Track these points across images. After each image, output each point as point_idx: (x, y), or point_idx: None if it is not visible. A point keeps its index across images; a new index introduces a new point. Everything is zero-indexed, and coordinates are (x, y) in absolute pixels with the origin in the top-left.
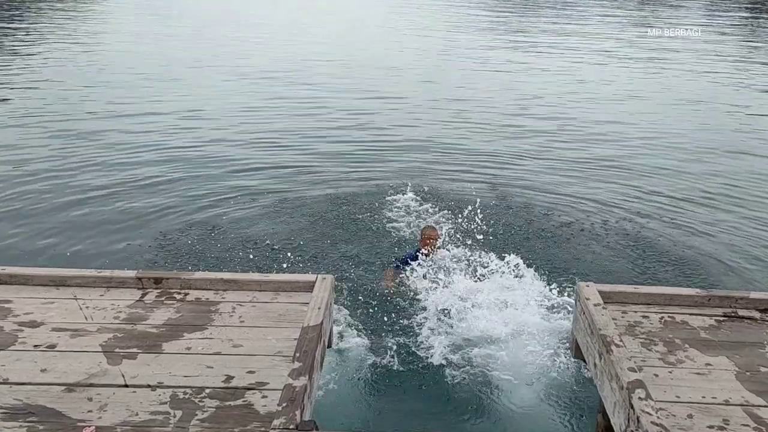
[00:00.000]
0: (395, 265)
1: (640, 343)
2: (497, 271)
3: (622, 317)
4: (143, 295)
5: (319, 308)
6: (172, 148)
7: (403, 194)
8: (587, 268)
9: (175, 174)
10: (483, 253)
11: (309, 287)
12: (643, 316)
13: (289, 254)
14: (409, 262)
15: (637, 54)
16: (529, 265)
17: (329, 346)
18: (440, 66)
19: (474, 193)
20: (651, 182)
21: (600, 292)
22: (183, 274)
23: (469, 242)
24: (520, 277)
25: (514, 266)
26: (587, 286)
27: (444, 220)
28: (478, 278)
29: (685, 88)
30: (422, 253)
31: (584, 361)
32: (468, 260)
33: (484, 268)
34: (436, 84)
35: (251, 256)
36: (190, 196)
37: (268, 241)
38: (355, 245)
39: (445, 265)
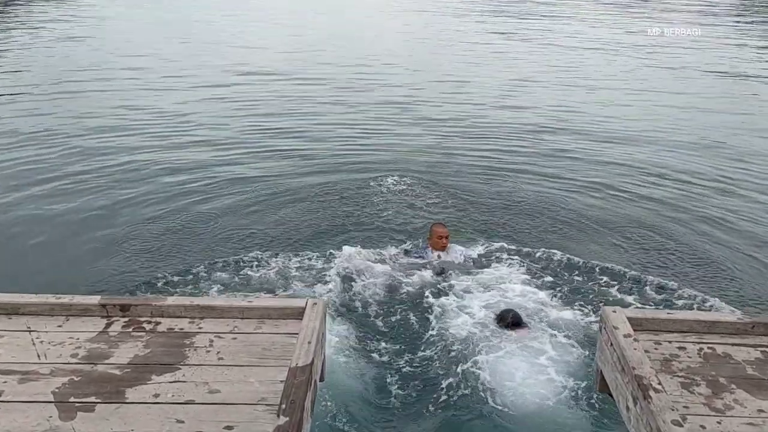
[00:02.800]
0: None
1: (679, 384)
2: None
3: (656, 349)
4: (107, 325)
5: (309, 342)
6: (137, 149)
7: (395, 184)
8: (601, 267)
9: (143, 181)
10: (492, 255)
11: (298, 314)
12: (680, 348)
13: (274, 255)
14: (416, 260)
15: (642, 43)
16: (541, 274)
17: (321, 380)
18: (431, 50)
19: (474, 181)
20: (677, 183)
21: (629, 318)
22: (153, 299)
23: (474, 237)
24: (537, 288)
25: (530, 276)
26: (614, 311)
27: (447, 212)
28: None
29: (701, 79)
30: (431, 252)
31: (611, 395)
32: (479, 262)
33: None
34: (427, 69)
35: (234, 261)
36: (162, 198)
37: (252, 241)
38: (349, 241)
39: (455, 267)
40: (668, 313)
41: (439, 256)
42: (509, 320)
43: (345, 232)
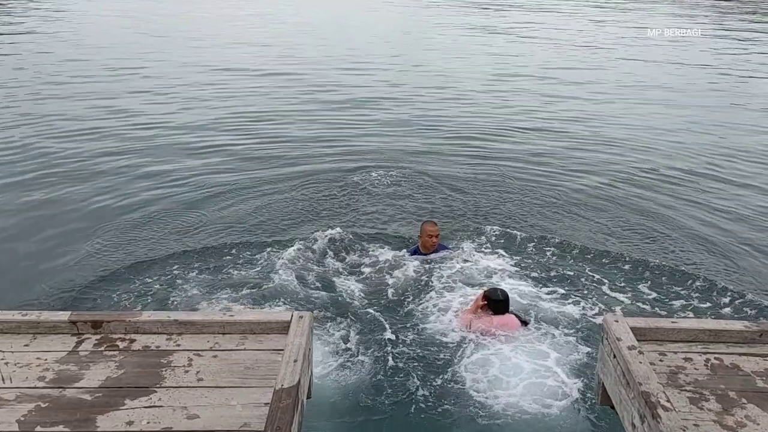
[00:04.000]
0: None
1: (688, 399)
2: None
3: (661, 361)
4: (78, 343)
5: (295, 361)
6: (105, 145)
7: (381, 177)
8: (597, 259)
9: (112, 176)
10: (482, 249)
11: (283, 328)
12: (686, 359)
13: (256, 252)
14: (407, 259)
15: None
16: (535, 268)
17: (308, 397)
18: (416, 43)
19: (463, 173)
20: (674, 172)
21: (633, 328)
22: (128, 314)
23: (464, 232)
24: (532, 282)
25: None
26: (616, 321)
27: (434, 206)
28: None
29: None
30: (420, 251)
31: (613, 408)
32: (469, 258)
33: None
34: (413, 61)
35: (214, 259)
36: (133, 194)
37: (231, 237)
38: (333, 238)
39: (445, 267)
40: (672, 322)
41: (428, 255)
42: (500, 296)
43: (328, 229)
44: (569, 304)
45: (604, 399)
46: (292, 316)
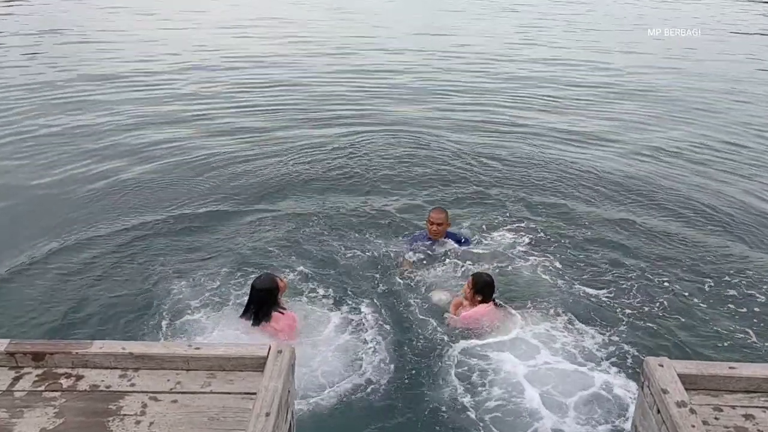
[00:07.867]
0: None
1: None
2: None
3: (717, 419)
4: (15, 380)
5: (267, 414)
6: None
7: (385, 141)
8: (622, 248)
9: (65, 154)
10: (489, 231)
11: (258, 365)
12: (746, 416)
13: (239, 231)
14: (411, 248)
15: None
16: (551, 262)
17: None
18: (428, 11)
19: (474, 142)
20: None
21: (681, 375)
22: (75, 345)
23: (471, 209)
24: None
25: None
26: (661, 365)
27: (439, 176)
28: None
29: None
30: (429, 239)
31: None
32: (477, 239)
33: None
34: (424, 28)
35: (194, 238)
36: (89, 198)
37: (215, 204)
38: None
39: (456, 258)
40: (730, 368)
41: (434, 244)
42: (487, 279)
43: (323, 203)
44: (598, 299)
45: None
46: (269, 350)
